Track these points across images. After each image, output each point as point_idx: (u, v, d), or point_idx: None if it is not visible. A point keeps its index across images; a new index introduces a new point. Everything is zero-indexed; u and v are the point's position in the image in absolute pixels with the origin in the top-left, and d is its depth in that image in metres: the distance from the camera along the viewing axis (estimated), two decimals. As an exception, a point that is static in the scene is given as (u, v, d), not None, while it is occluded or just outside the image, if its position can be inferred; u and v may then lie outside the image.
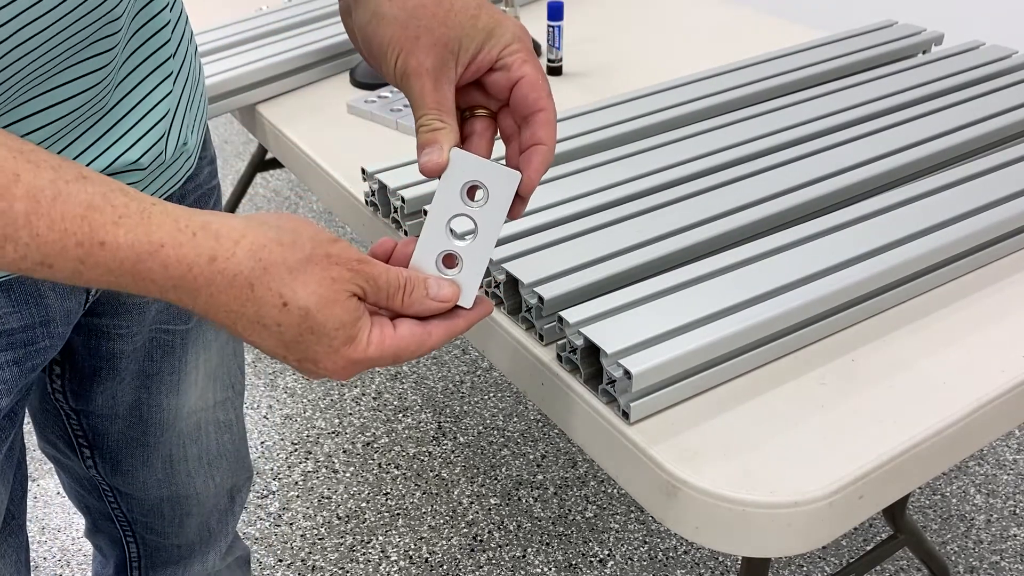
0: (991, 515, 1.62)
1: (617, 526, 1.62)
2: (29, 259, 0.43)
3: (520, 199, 0.57)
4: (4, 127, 0.52)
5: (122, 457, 0.80)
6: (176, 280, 0.46)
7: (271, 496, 1.69)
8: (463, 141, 0.59)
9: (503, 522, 1.63)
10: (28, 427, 1.42)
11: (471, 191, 0.56)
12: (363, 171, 0.90)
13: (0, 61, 0.48)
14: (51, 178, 0.44)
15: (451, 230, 0.56)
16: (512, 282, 0.74)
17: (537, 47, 1.21)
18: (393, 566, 1.55)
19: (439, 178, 0.56)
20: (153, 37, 0.62)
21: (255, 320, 0.48)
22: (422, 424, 1.84)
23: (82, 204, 0.44)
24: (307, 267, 0.49)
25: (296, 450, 1.79)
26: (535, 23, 1.30)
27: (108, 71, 0.57)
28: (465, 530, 1.61)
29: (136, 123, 0.61)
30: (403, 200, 0.85)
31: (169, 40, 0.63)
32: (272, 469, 1.75)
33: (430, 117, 0.56)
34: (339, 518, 1.64)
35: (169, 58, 0.63)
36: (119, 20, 0.55)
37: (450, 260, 0.56)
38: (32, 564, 1.57)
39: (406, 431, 1.83)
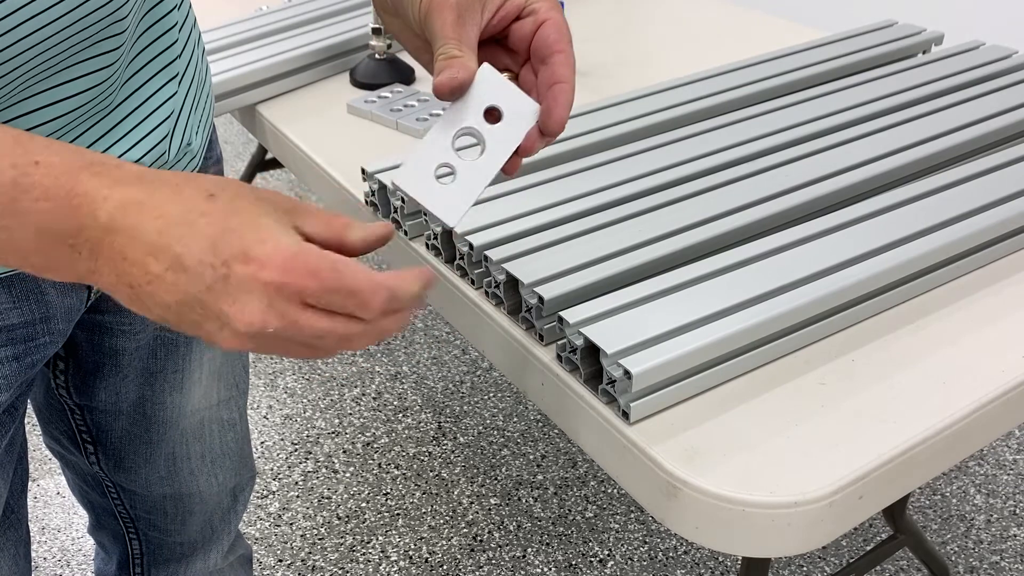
0: (991, 515, 1.62)
1: (617, 526, 1.62)
2: None
3: (543, 137, 0.55)
4: (8, 121, 0.52)
5: (125, 454, 0.81)
6: (109, 189, 0.44)
7: (271, 496, 1.69)
8: None
9: (503, 522, 1.63)
10: (35, 426, 1.42)
11: (489, 114, 0.54)
12: (363, 171, 0.90)
13: (3, 54, 0.48)
14: None
15: (456, 144, 0.54)
16: (512, 282, 0.74)
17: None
18: (393, 566, 1.55)
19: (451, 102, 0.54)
20: (160, 38, 0.62)
21: (181, 220, 0.44)
22: (422, 424, 1.84)
23: (11, 136, 0.44)
24: (240, 184, 0.47)
25: (296, 450, 1.79)
26: (535, 23, 1.30)
27: (113, 69, 0.57)
28: (465, 530, 1.61)
29: (140, 122, 0.61)
30: (403, 200, 0.85)
31: (176, 41, 0.63)
32: (272, 469, 1.75)
33: (449, 46, 0.54)
34: (339, 518, 1.64)
35: (176, 59, 0.63)
36: (126, 20, 0.55)
37: (446, 172, 0.54)
38: (32, 564, 1.57)
39: (406, 431, 1.83)
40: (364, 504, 1.67)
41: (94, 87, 0.56)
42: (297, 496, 1.69)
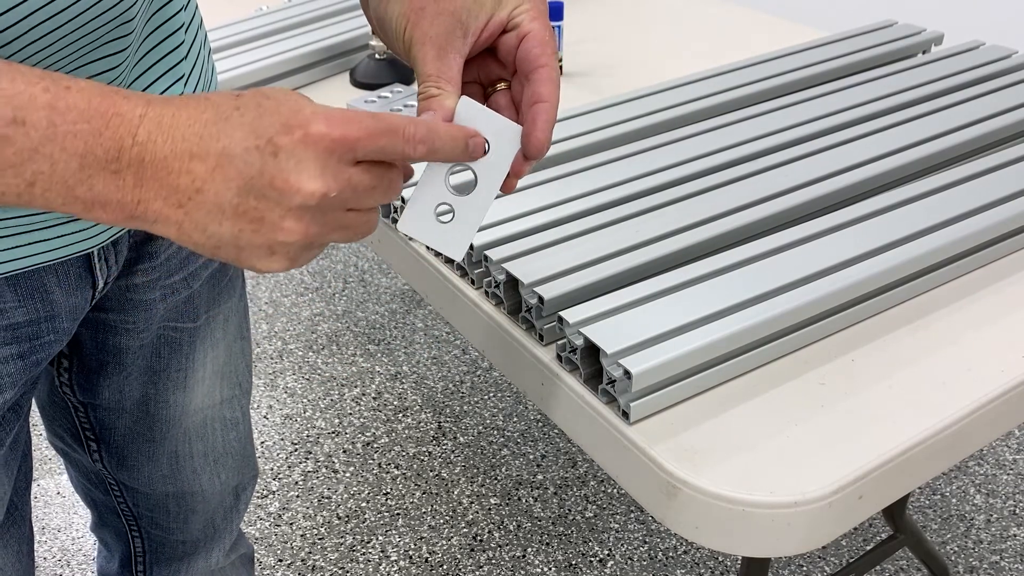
0: (991, 515, 1.62)
1: (617, 526, 1.62)
2: (1, 118, 0.43)
3: (527, 160, 0.55)
4: None
5: (128, 452, 0.81)
6: (142, 107, 0.45)
7: (271, 496, 1.69)
8: None
9: (503, 522, 1.63)
10: (35, 426, 1.42)
11: None
12: (363, 171, 0.90)
13: (13, 58, 0.48)
14: (3, 64, 0.44)
15: (450, 182, 0.55)
16: (512, 282, 0.74)
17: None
18: (393, 566, 1.55)
19: None
20: (167, 39, 0.62)
21: (216, 119, 0.46)
22: (422, 424, 1.84)
23: (36, 70, 0.45)
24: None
25: (296, 450, 1.79)
26: (535, 23, 1.30)
27: (120, 71, 0.57)
28: (465, 530, 1.61)
29: None
30: (403, 200, 0.85)
31: (183, 42, 0.63)
32: (272, 469, 1.75)
33: (427, 84, 0.55)
34: (339, 518, 1.64)
35: (182, 60, 0.63)
36: (133, 21, 0.55)
37: (445, 210, 0.55)
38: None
39: (406, 431, 1.83)
40: (364, 504, 1.67)
41: None
42: (297, 496, 1.69)
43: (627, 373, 0.63)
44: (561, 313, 0.69)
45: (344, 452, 1.78)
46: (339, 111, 0.47)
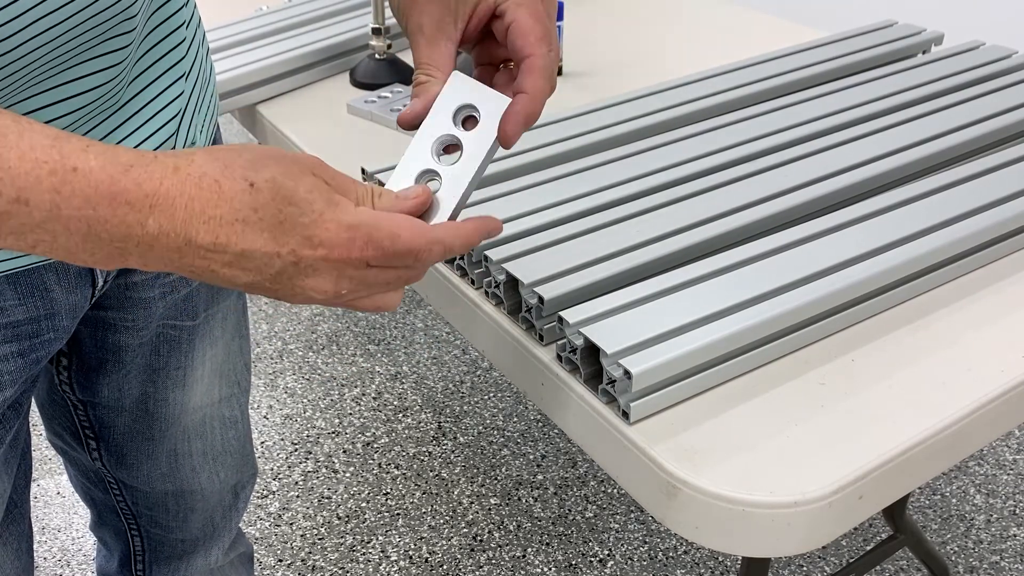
0: (991, 515, 1.62)
1: (617, 526, 1.62)
2: (4, 196, 0.42)
3: (503, 138, 0.55)
4: None
5: (127, 450, 0.81)
6: (151, 197, 0.45)
7: (271, 496, 1.69)
8: None
9: (503, 522, 1.63)
10: (34, 426, 1.42)
11: (466, 119, 0.56)
12: (363, 171, 0.90)
13: (13, 52, 0.48)
14: (12, 119, 0.44)
15: (437, 151, 0.56)
16: (512, 282, 0.74)
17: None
18: (393, 566, 1.55)
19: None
20: (168, 37, 0.62)
21: (233, 219, 0.46)
22: (422, 424, 1.84)
23: (49, 136, 0.44)
24: (264, 157, 0.49)
25: (296, 450, 1.79)
26: (535, 23, 1.30)
27: (121, 68, 0.57)
28: (465, 530, 1.61)
29: (147, 121, 0.61)
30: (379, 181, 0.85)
31: (183, 40, 0.63)
32: (272, 469, 1.75)
33: (418, 71, 0.57)
34: (339, 518, 1.64)
35: (182, 58, 0.63)
36: (135, 18, 0.55)
37: (430, 180, 0.56)
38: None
39: (406, 431, 1.83)
40: (364, 504, 1.67)
41: (102, 85, 0.56)
42: (297, 496, 1.69)
43: (627, 373, 0.63)
44: (561, 313, 0.69)
45: (344, 452, 1.78)
46: (364, 225, 0.48)
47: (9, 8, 0.47)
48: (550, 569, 1.54)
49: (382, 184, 0.56)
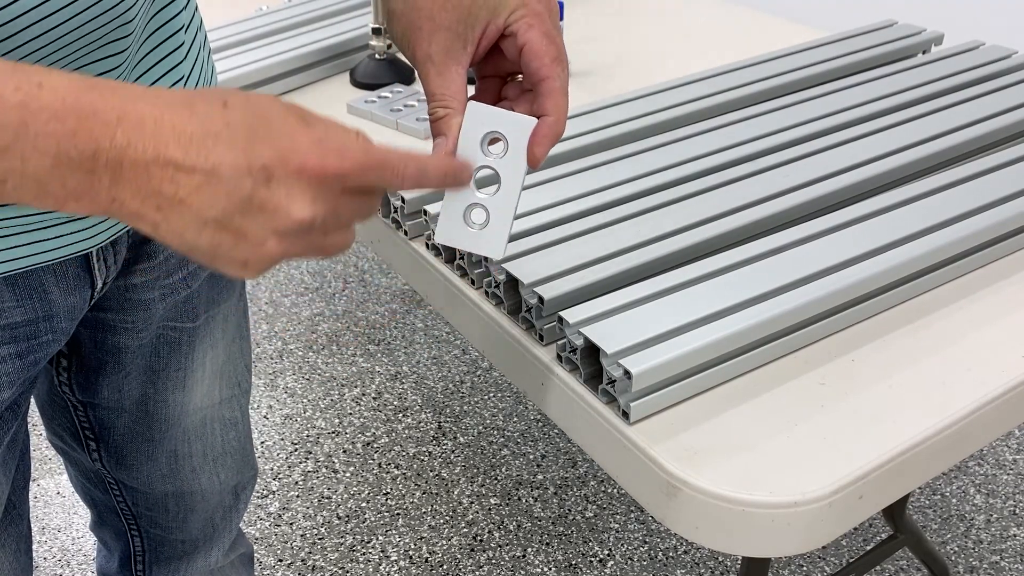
0: (991, 515, 1.62)
1: (617, 526, 1.62)
2: None
3: (533, 160, 0.56)
4: None
5: (127, 451, 0.81)
6: (118, 110, 0.43)
7: (271, 496, 1.69)
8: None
9: (503, 522, 1.63)
10: (34, 426, 1.41)
11: (492, 142, 0.56)
12: (363, 171, 0.90)
13: (11, 55, 0.48)
14: None
15: (475, 183, 0.56)
16: (512, 282, 0.74)
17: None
18: (393, 566, 1.55)
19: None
20: (167, 40, 0.62)
21: (204, 134, 0.44)
22: (422, 424, 1.84)
23: (9, 65, 0.43)
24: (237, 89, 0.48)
25: (296, 450, 1.79)
26: (535, 23, 1.30)
27: (120, 71, 0.57)
28: (465, 530, 1.61)
29: None
30: (403, 200, 0.85)
31: (183, 43, 0.63)
32: (272, 469, 1.75)
33: (433, 105, 0.56)
34: (339, 518, 1.64)
35: (182, 61, 0.63)
36: (133, 22, 0.55)
37: (477, 213, 0.57)
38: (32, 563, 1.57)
39: (406, 431, 1.83)
40: (364, 504, 1.67)
41: None
42: (297, 496, 1.69)
43: (627, 373, 0.63)
44: (561, 313, 0.69)
45: (344, 452, 1.78)
46: (334, 138, 0.47)
47: (6, 10, 0.47)
48: (550, 569, 1.54)
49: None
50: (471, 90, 0.60)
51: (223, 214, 0.45)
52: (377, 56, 1.19)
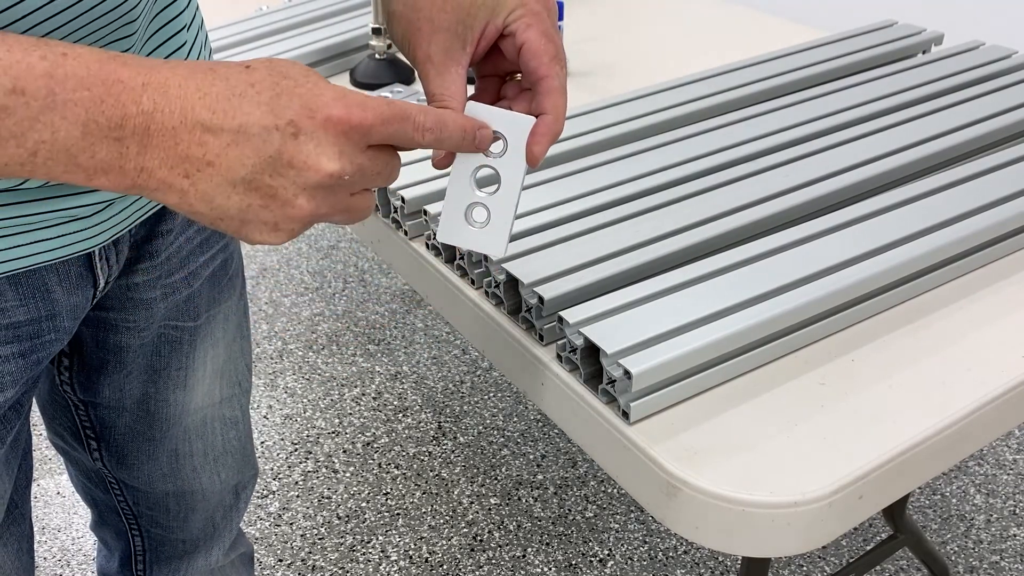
0: (991, 515, 1.62)
1: (617, 526, 1.62)
2: (1, 88, 0.42)
3: (532, 158, 0.57)
4: None
5: (128, 450, 0.81)
6: (144, 76, 0.44)
7: (271, 496, 1.69)
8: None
9: (503, 522, 1.63)
10: (34, 426, 1.42)
11: (492, 142, 0.56)
12: (363, 171, 0.90)
13: None
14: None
15: (476, 182, 0.57)
16: (512, 282, 0.74)
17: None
18: (393, 566, 1.55)
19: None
20: (170, 40, 0.62)
21: (230, 94, 0.46)
22: (422, 424, 1.84)
23: (32, 38, 0.44)
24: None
25: (296, 450, 1.79)
26: (535, 23, 1.30)
27: None
28: (465, 530, 1.61)
29: None
30: (403, 200, 0.85)
31: (185, 43, 0.63)
32: (272, 469, 1.75)
33: (433, 106, 0.56)
34: (339, 518, 1.64)
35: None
36: (137, 22, 0.55)
37: (478, 212, 0.57)
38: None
39: (406, 431, 1.83)
40: (364, 504, 1.67)
41: None
42: (297, 496, 1.69)
43: (627, 373, 0.63)
44: (561, 313, 0.69)
45: (344, 452, 1.78)
46: (355, 94, 0.48)
47: (12, 10, 0.47)
48: (550, 569, 1.54)
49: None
50: (470, 90, 0.60)
51: (252, 172, 0.46)
52: (377, 56, 1.19)
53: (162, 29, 0.61)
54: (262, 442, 1.81)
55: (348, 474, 1.73)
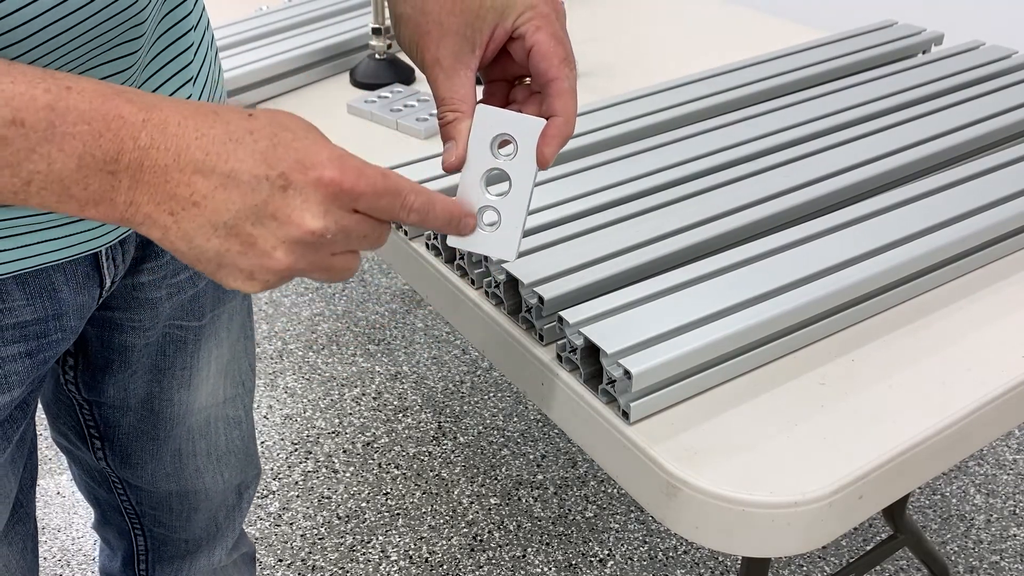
0: (991, 515, 1.62)
1: (617, 526, 1.62)
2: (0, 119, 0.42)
3: (542, 160, 0.57)
4: None
5: (132, 450, 0.81)
6: (145, 112, 0.45)
7: (271, 496, 1.69)
8: None
9: (503, 522, 1.63)
10: (40, 424, 1.41)
11: (502, 145, 0.56)
12: (363, 171, 0.90)
13: (24, 57, 0.48)
14: (5, 63, 0.44)
15: (486, 186, 0.57)
16: (512, 282, 0.74)
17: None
18: (393, 566, 1.55)
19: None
20: (176, 41, 0.62)
21: (226, 139, 0.46)
22: (422, 424, 1.84)
23: (39, 70, 0.44)
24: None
25: (296, 450, 1.79)
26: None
27: (131, 73, 0.57)
28: (465, 530, 1.61)
29: None
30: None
31: (192, 44, 0.63)
32: (272, 469, 1.75)
33: (443, 110, 0.57)
34: (339, 518, 1.64)
35: (190, 63, 0.63)
36: (146, 23, 0.55)
37: (489, 215, 0.57)
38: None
39: (406, 431, 1.83)
40: (364, 504, 1.67)
41: None
42: (297, 496, 1.69)
43: (627, 373, 0.63)
44: (561, 313, 0.69)
45: (344, 452, 1.78)
46: (354, 158, 0.48)
47: (20, 12, 0.47)
48: (550, 569, 1.54)
49: None
50: (480, 93, 0.60)
51: (235, 218, 0.46)
52: (377, 56, 1.19)
53: (170, 30, 0.61)
54: (262, 442, 1.81)
55: (348, 474, 1.73)
